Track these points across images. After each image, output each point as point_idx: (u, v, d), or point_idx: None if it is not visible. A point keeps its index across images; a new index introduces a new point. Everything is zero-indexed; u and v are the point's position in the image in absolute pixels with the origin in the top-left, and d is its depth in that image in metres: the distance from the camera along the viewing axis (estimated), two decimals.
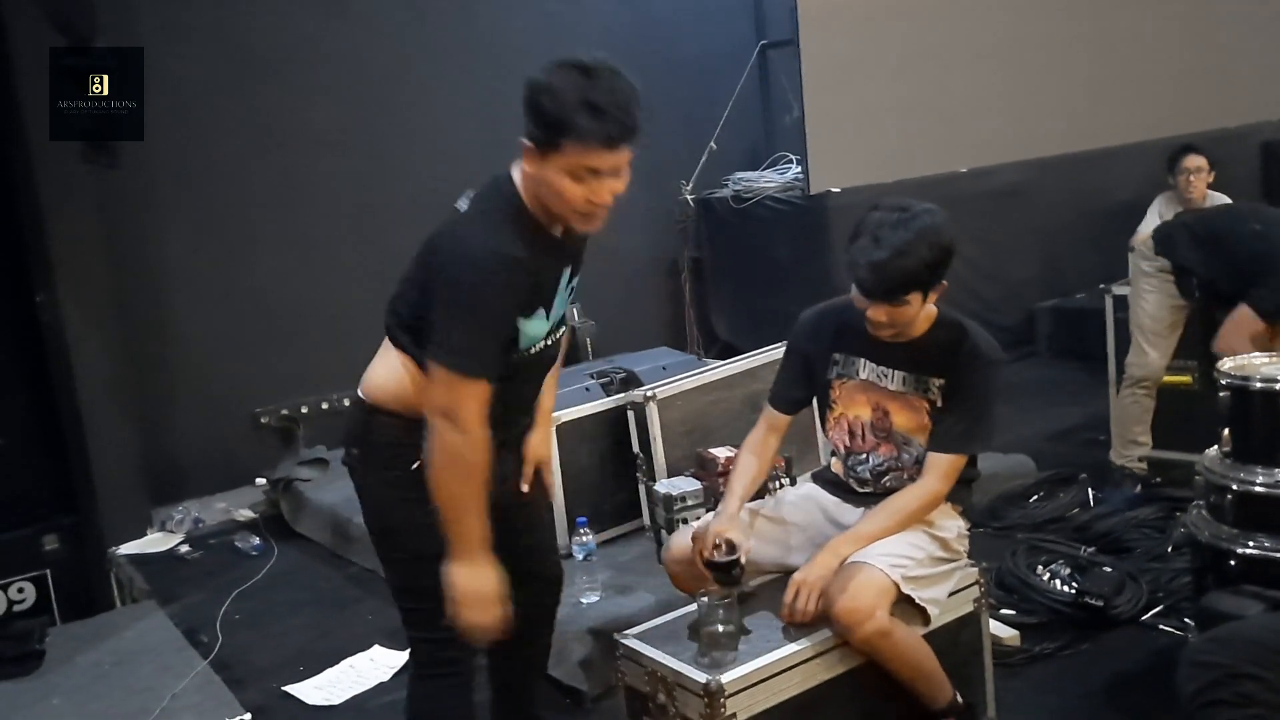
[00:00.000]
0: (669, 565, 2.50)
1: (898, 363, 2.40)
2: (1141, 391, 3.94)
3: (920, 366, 2.37)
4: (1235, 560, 2.60)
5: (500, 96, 5.78)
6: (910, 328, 2.33)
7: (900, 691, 2.28)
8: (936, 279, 2.28)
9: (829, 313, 2.53)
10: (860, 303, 2.30)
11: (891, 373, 2.41)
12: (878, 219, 2.26)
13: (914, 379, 2.38)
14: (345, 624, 3.61)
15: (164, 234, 4.96)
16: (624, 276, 6.27)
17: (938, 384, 2.36)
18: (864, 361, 2.44)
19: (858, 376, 2.45)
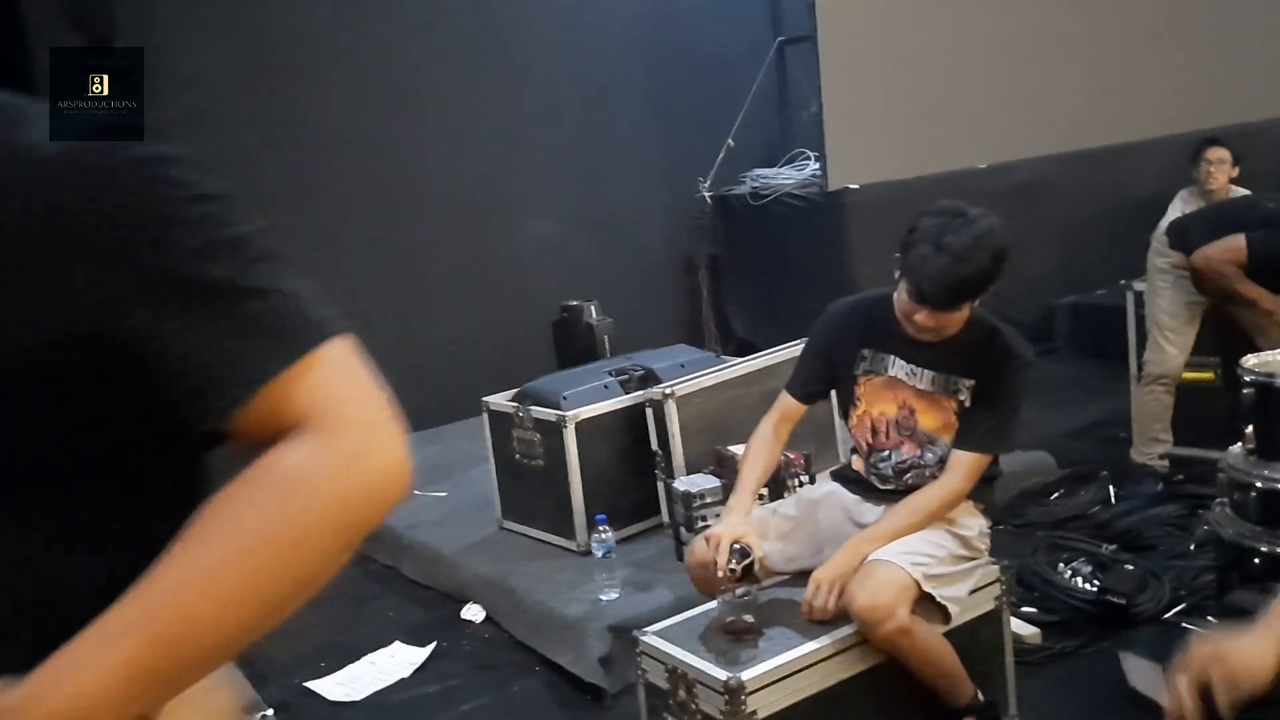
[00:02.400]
0: (691, 569, 2.49)
1: (929, 362, 2.39)
2: (1161, 388, 3.93)
3: (951, 367, 2.37)
4: (1260, 558, 2.59)
5: (517, 94, 5.86)
6: (948, 329, 2.32)
7: (921, 689, 2.28)
8: (990, 285, 2.26)
9: (859, 307, 2.51)
10: (908, 307, 2.28)
11: (922, 372, 2.40)
12: (937, 225, 2.22)
13: (944, 379, 2.37)
14: (366, 621, 3.62)
15: None
16: (642, 273, 6.28)
17: (968, 385, 2.35)
18: (894, 359, 2.43)
19: (886, 373, 2.44)
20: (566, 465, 3.49)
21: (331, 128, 5.28)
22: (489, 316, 5.73)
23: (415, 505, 4.26)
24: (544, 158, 5.96)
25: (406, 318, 5.54)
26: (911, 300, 2.26)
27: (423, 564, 3.87)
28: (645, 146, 6.34)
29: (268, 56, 5.09)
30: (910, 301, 2.26)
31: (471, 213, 5.72)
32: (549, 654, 3.13)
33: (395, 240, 5.54)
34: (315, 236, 5.29)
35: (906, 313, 2.29)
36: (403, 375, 4.15)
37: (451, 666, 3.23)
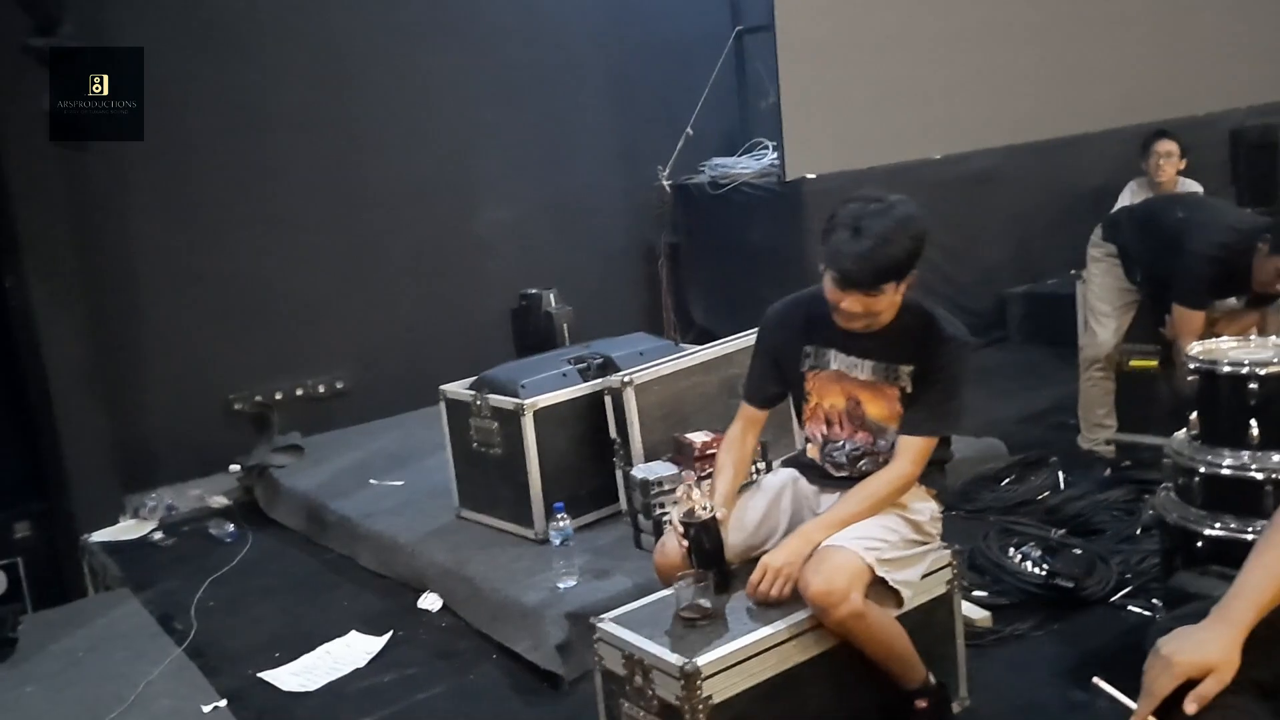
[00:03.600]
0: (660, 567, 2.49)
1: (867, 352, 2.42)
2: (1098, 373, 4.04)
3: (890, 355, 2.39)
4: (1203, 541, 2.65)
5: (477, 78, 5.82)
6: (880, 317, 2.35)
7: (874, 672, 2.31)
8: (912, 267, 2.30)
9: (797, 305, 2.54)
10: (834, 295, 2.29)
11: (861, 363, 2.42)
12: (855, 210, 2.27)
13: (884, 368, 2.40)
14: (321, 610, 3.60)
15: (135, 217, 4.92)
16: (601, 262, 6.28)
17: (907, 371, 2.38)
18: (834, 353, 2.46)
19: (829, 367, 2.47)
20: (524, 454, 3.48)
21: (286, 112, 5.23)
22: (447, 304, 5.71)
23: (372, 494, 4.24)
24: (503, 145, 5.93)
25: (364, 305, 5.50)
26: (836, 286, 2.28)
27: (379, 553, 3.85)
28: (605, 134, 6.34)
29: (222, 39, 5.01)
30: (836, 288, 2.28)
31: (430, 200, 5.69)
32: (506, 642, 3.13)
33: (352, 227, 5.49)
34: (271, 223, 5.24)
35: (834, 301, 2.31)
36: (360, 363, 4.20)
37: (408, 655, 3.22)
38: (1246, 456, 2.65)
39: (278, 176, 5.23)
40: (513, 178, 5.96)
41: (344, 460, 4.70)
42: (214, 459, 4.96)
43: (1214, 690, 1.45)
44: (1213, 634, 1.50)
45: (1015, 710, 2.60)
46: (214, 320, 5.08)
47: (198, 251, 5.05)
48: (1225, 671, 1.46)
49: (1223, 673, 1.46)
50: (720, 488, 2.48)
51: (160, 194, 4.95)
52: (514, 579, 3.27)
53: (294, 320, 5.31)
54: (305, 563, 4.07)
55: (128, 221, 4.90)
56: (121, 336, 4.87)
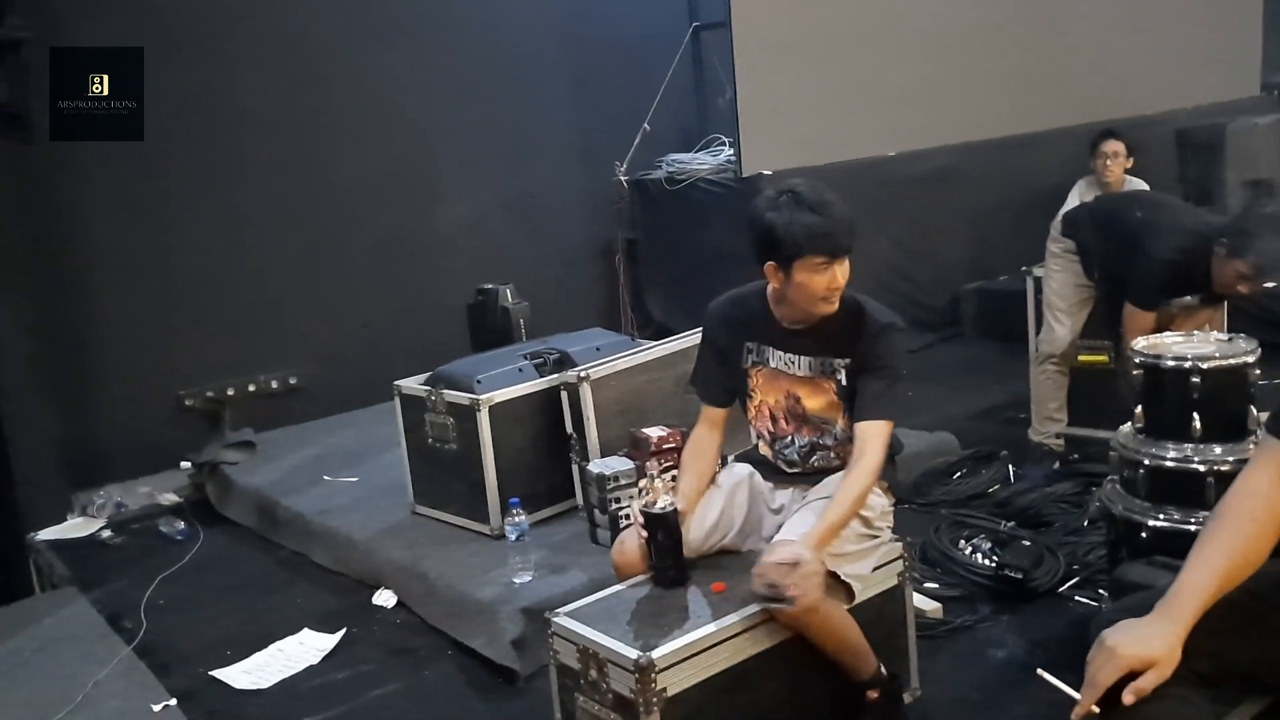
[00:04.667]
0: (618, 563, 2.49)
1: (802, 349, 2.45)
2: (1053, 367, 4.11)
3: (824, 350, 2.43)
4: (1147, 532, 2.71)
5: (436, 76, 5.78)
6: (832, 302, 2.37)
7: (826, 664, 2.33)
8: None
9: (735, 303, 2.57)
10: (819, 279, 2.30)
11: (797, 359, 2.45)
12: (793, 198, 2.31)
13: (819, 363, 2.43)
14: (274, 608, 3.57)
15: (84, 210, 4.83)
16: (558, 257, 6.27)
17: (842, 364, 2.41)
18: (771, 350, 2.49)
19: (769, 364, 2.50)
20: (480, 449, 3.48)
21: (243, 107, 5.16)
22: (404, 300, 5.67)
23: (326, 491, 4.20)
24: (462, 141, 5.90)
25: (319, 301, 5.45)
26: (822, 265, 2.29)
27: (333, 550, 3.82)
28: (563, 130, 6.32)
29: (178, 34, 4.95)
30: (819, 272, 2.29)
31: (387, 195, 5.64)
32: (462, 638, 3.12)
33: (308, 223, 5.44)
34: (224, 218, 5.18)
35: (819, 286, 2.31)
36: (317, 359, 4.17)
37: (362, 652, 3.19)
38: (1189, 449, 2.71)
39: (232, 171, 5.16)
40: (471, 174, 5.94)
41: (298, 457, 4.66)
42: (164, 456, 4.89)
43: (1153, 684, 1.48)
44: (1156, 628, 1.53)
45: (965, 700, 2.64)
46: (165, 315, 5.01)
47: (149, 246, 4.97)
48: (1166, 666, 1.49)
49: (1163, 667, 1.49)
50: (684, 486, 2.50)
51: (111, 188, 4.87)
52: (469, 575, 3.26)
53: (247, 316, 5.24)
54: (257, 560, 4.03)
55: (78, 215, 4.82)
56: (70, 331, 4.78)
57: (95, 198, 4.83)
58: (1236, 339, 2.85)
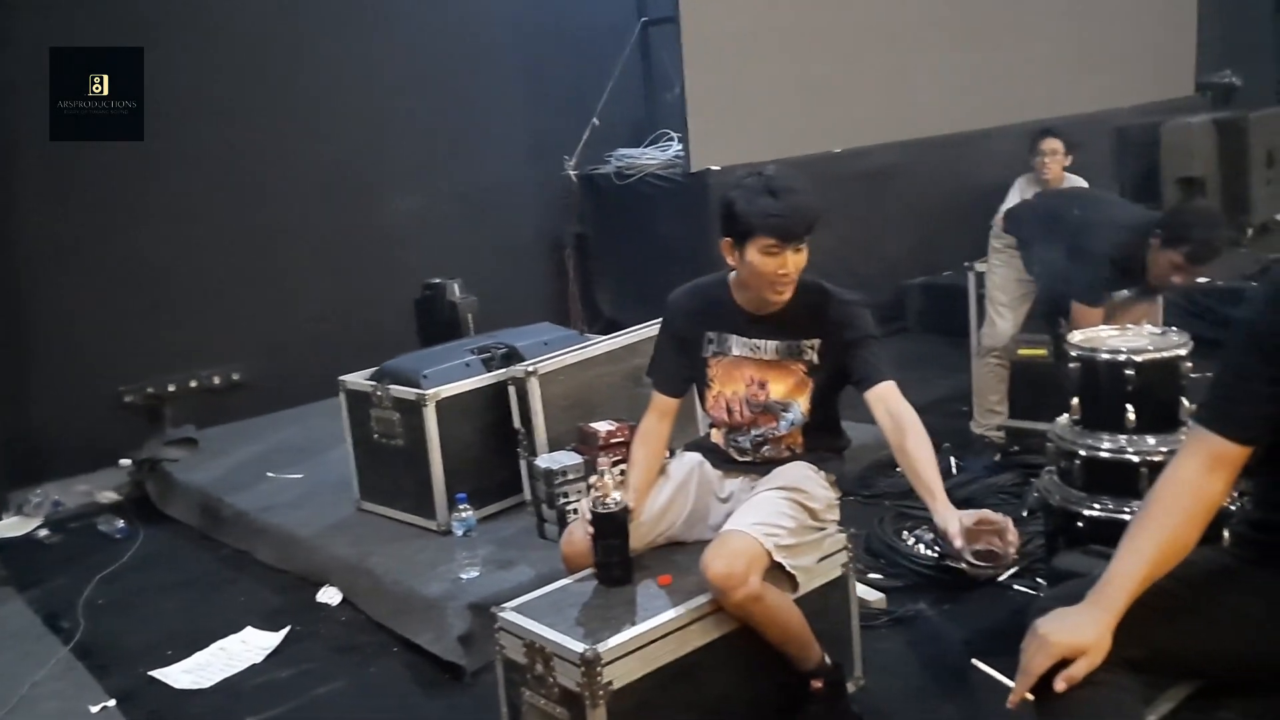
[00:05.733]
0: (567, 557, 2.50)
1: (769, 333, 2.47)
2: (995, 360, 4.19)
3: (792, 333, 2.46)
4: (1083, 522, 2.77)
5: (383, 68, 5.73)
6: (792, 289, 2.39)
7: (772, 654, 2.35)
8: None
9: (696, 293, 2.58)
10: (771, 263, 2.32)
11: (764, 344, 2.48)
12: (756, 182, 2.34)
13: (788, 345, 2.46)
14: (216, 606, 3.52)
15: (22, 200, 4.72)
16: (507, 251, 6.24)
17: (811, 345, 2.45)
18: (734, 338, 2.51)
19: (731, 353, 2.51)
20: (427, 444, 3.46)
21: (183, 97, 5.06)
22: (350, 294, 5.61)
23: (270, 488, 4.15)
24: (409, 134, 5.85)
25: (263, 295, 5.37)
26: (773, 248, 2.31)
27: (277, 547, 3.77)
28: (512, 124, 6.30)
29: (116, 22, 4.83)
30: (771, 255, 2.32)
31: (333, 188, 5.58)
32: (408, 634, 3.10)
33: (253, 216, 5.35)
34: (166, 210, 5.09)
35: (770, 270, 2.34)
36: (263, 354, 4.11)
37: (307, 650, 3.16)
38: (1124, 440, 2.78)
39: (174, 163, 5.07)
40: (419, 167, 5.89)
41: (241, 453, 4.60)
42: (103, 453, 4.80)
43: (1084, 671, 1.52)
44: (1087, 617, 1.57)
45: (907, 688, 2.68)
46: (104, 309, 4.91)
47: (87, 238, 4.87)
48: (1096, 654, 1.53)
49: (1094, 655, 1.53)
50: (633, 480, 2.51)
51: (51, 178, 4.76)
52: (416, 571, 3.25)
53: (189, 310, 5.15)
54: (199, 558, 3.97)
55: (13, 207, 4.70)
56: (5, 326, 4.67)
57: (32, 189, 4.72)
58: (1169, 332, 2.93)
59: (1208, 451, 1.69)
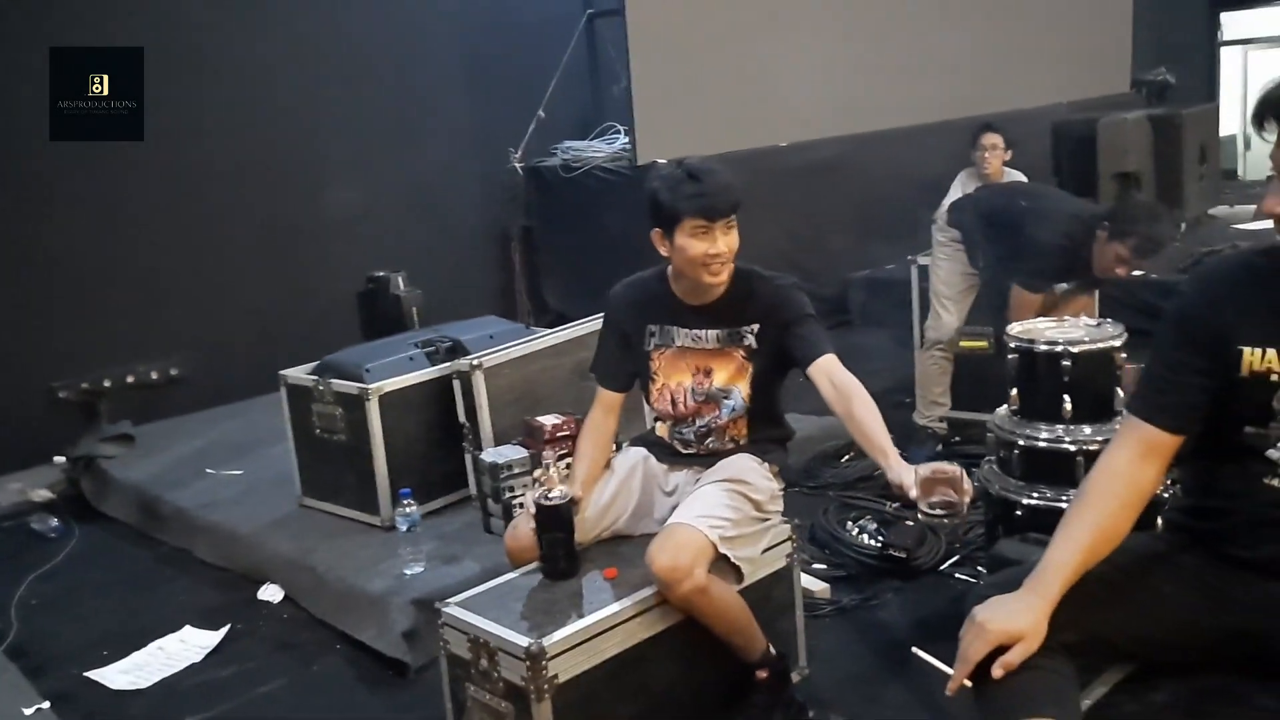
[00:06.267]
0: (511, 550, 2.49)
1: (709, 323, 2.49)
2: (939, 353, 4.25)
3: (731, 320, 2.48)
4: (1022, 510, 2.82)
5: (324, 57, 5.64)
6: (727, 271, 2.41)
7: (717, 646, 2.37)
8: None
9: (636, 286, 2.59)
10: (700, 244, 2.34)
11: (705, 333, 2.49)
12: (676, 170, 2.37)
13: (728, 333, 2.48)
14: (154, 605, 3.46)
15: None
16: (452, 244, 6.19)
17: (751, 330, 2.47)
18: (677, 329, 2.52)
19: (674, 344, 2.52)
20: (370, 439, 3.42)
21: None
22: (292, 287, 5.53)
23: (209, 484, 4.09)
24: (351, 124, 5.77)
25: (202, 288, 5.27)
26: (700, 229, 2.33)
27: (217, 545, 3.71)
28: (457, 115, 6.24)
29: (47, 7, 4.70)
30: (699, 236, 2.33)
31: (273, 179, 5.48)
32: (351, 631, 3.06)
33: (190, 207, 5.25)
34: (101, 202, 4.98)
35: (700, 252, 2.35)
36: (201, 349, 4.03)
37: (247, 648, 3.12)
38: (1061, 430, 2.83)
39: (106, 152, 4.93)
40: (361, 158, 5.81)
41: (180, 450, 4.51)
42: (36, 450, 4.69)
43: (1020, 658, 1.55)
44: (1023, 604, 1.60)
45: (850, 676, 2.71)
46: (36, 303, 4.78)
47: (17, 230, 4.74)
48: (1033, 640, 1.56)
49: (1030, 641, 1.56)
50: (578, 473, 2.51)
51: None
52: (359, 567, 3.21)
53: (125, 304, 5.04)
54: (137, 557, 3.89)
55: None
56: None
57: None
58: (1105, 324, 2.98)
59: (1140, 440, 1.72)
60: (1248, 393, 1.67)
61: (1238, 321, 1.68)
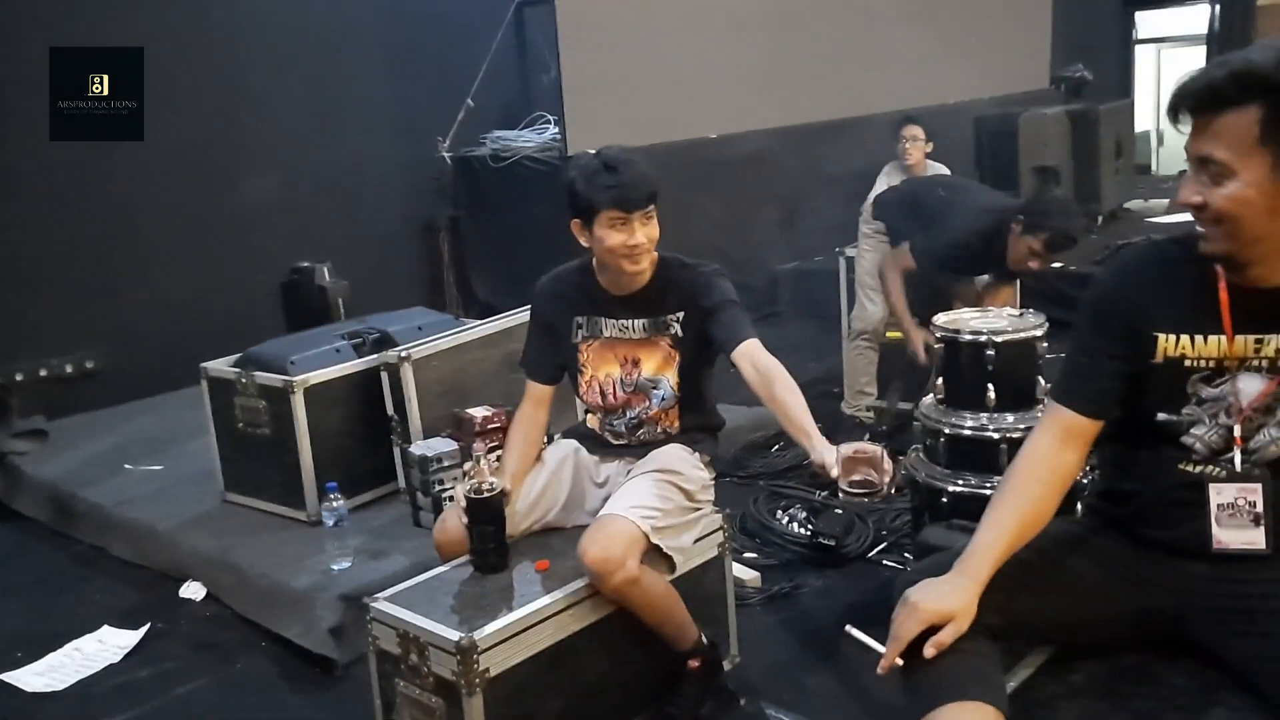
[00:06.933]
0: (440, 544, 2.46)
1: (635, 313, 2.49)
2: (864, 343, 4.32)
3: (657, 309, 2.48)
4: (947, 497, 2.87)
5: (241, 40, 5.50)
6: (647, 260, 2.41)
7: (649, 636, 2.37)
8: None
9: (562, 279, 2.58)
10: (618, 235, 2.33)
11: (633, 323, 2.49)
12: (592, 160, 2.37)
13: (654, 322, 2.48)
14: (70, 605, 3.35)
15: None
16: (378, 234, 6.10)
17: (676, 318, 2.47)
18: (604, 320, 2.52)
19: (602, 335, 2.52)
20: (295, 433, 3.35)
21: (24, 71, 4.74)
22: (211, 278, 5.39)
23: (127, 481, 3.97)
24: (269, 110, 5.64)
25: (116, 279, 5.11)
26: (618, 220, 2.33)
27: (135, 542, 3.61)
28: (381, 102, 6.14)
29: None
30: (617, 227, 2.33)
31: (187, 166, 5.33)
32: (276, 628, 3.00)
33: (102, 196, 5.08)
34: (10, 190, 4.78)
35: (619, 243, 2.35)
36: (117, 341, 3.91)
37: (167, 648, 3.04)
38: (985, 418, 2.89)
39: (14, 138, 4.76)
40: (282, 145, 5.68)
41: (95, 445, 4.37)
42: None
43: (951, 637, 1.58)
44: (954, 586, 1.63)
45: (780, 663, 2.74)
46: None
47: None
48: (963, 620, 1.60)
49: (960, 621, 1.59)
50: (508, 465, 2.49)
51: None
52: (284, 563, 3.15)
53: (36, 296, 4.87)
54: (50, 556, 3.77)
55: None
56: None
57: None
58: (1027, 314, 3.05)
59: (1061, 426, 1.77)
60: (1162, 379, 1.72)
61: (1153, 309, 1.73)
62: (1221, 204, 1.58)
